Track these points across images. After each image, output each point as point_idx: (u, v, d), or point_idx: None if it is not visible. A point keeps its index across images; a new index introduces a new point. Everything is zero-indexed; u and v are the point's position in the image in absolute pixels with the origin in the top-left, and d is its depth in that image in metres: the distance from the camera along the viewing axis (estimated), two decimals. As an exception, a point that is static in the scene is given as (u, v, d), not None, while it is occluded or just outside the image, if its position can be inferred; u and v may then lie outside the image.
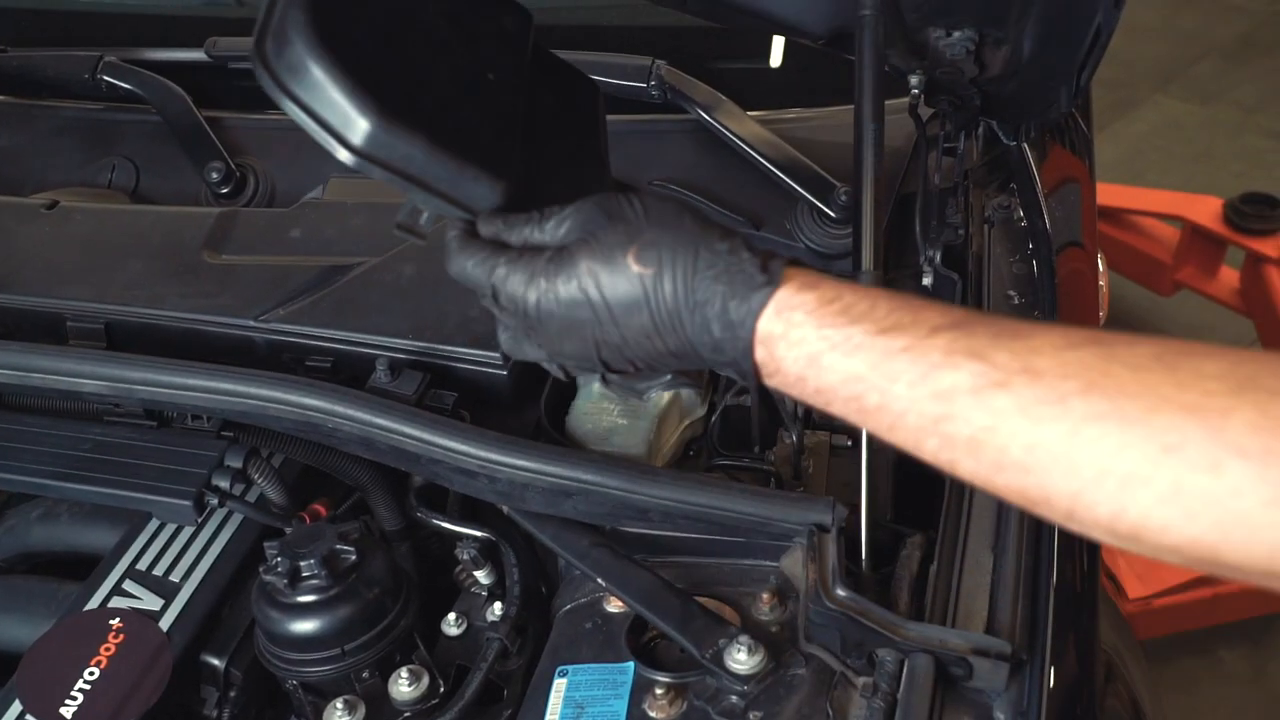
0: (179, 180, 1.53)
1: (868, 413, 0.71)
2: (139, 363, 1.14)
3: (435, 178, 0.85)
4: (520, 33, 0.98)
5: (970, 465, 0.67)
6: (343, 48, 0.80)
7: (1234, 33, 4.62)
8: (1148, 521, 0.60)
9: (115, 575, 1.13)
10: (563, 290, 0.78)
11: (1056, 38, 1.08)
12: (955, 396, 0.66)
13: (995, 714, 0.94)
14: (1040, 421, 0.63)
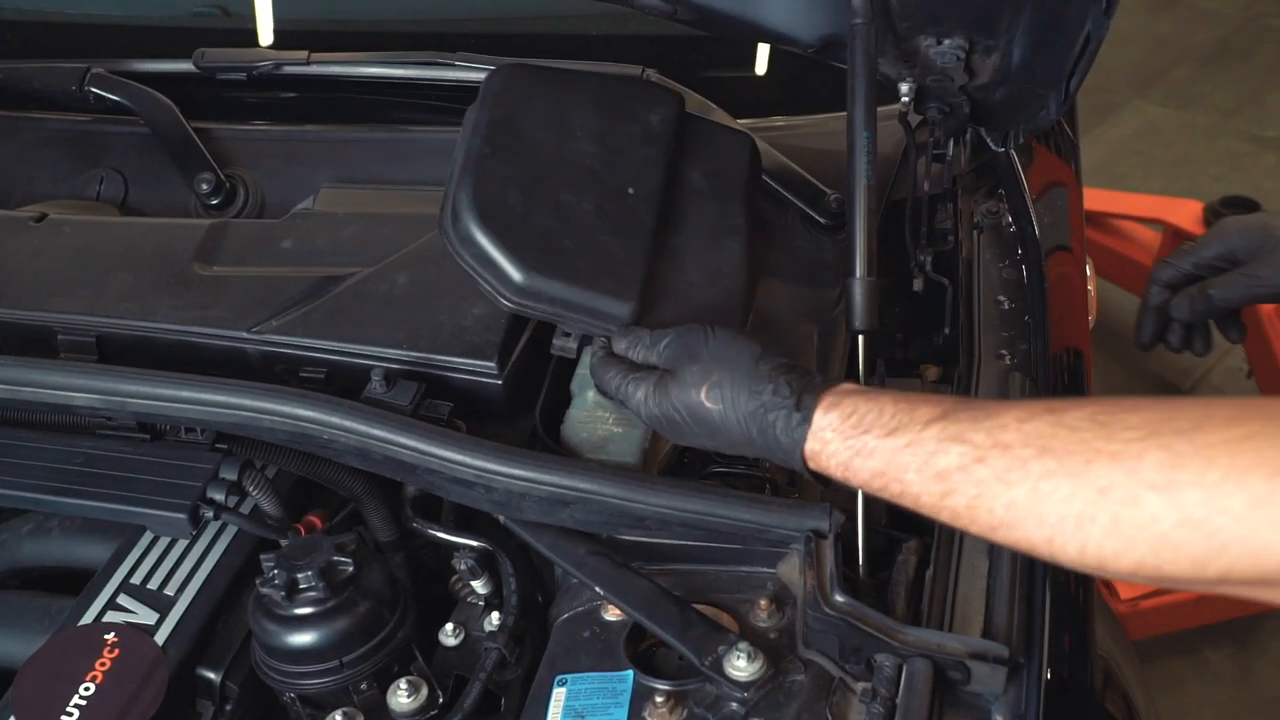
0: (168, 192, 1.52)
1: (895, 497, 0.88)
2: (132, 375, 1.13)
3: (575, 310, 1.05)
4: (666, 122, 1.15)
5: (975, 527, 0.82)
6: (498, 217, 1.04)
7: (1210, 38, 4.67)
8: (1102, 552, 0.74)
9: (109, 589, 1.12)
10: (661, 410, 1.00)
11: (1046, 45, 1.09)
12: (950, 475, 0.82)
13: (993, 717, 0.94)
14: (1011, 485, 0.78)
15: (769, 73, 1.61)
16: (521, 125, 1.11)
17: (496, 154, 1.09)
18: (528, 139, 1.10)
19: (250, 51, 1.58)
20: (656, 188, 1.11)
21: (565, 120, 1.13)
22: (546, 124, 1.12)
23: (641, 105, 1.16)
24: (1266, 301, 1.14)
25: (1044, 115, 1.21)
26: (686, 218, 1.12)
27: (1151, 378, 3.13)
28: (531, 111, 1.12)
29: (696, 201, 1.13)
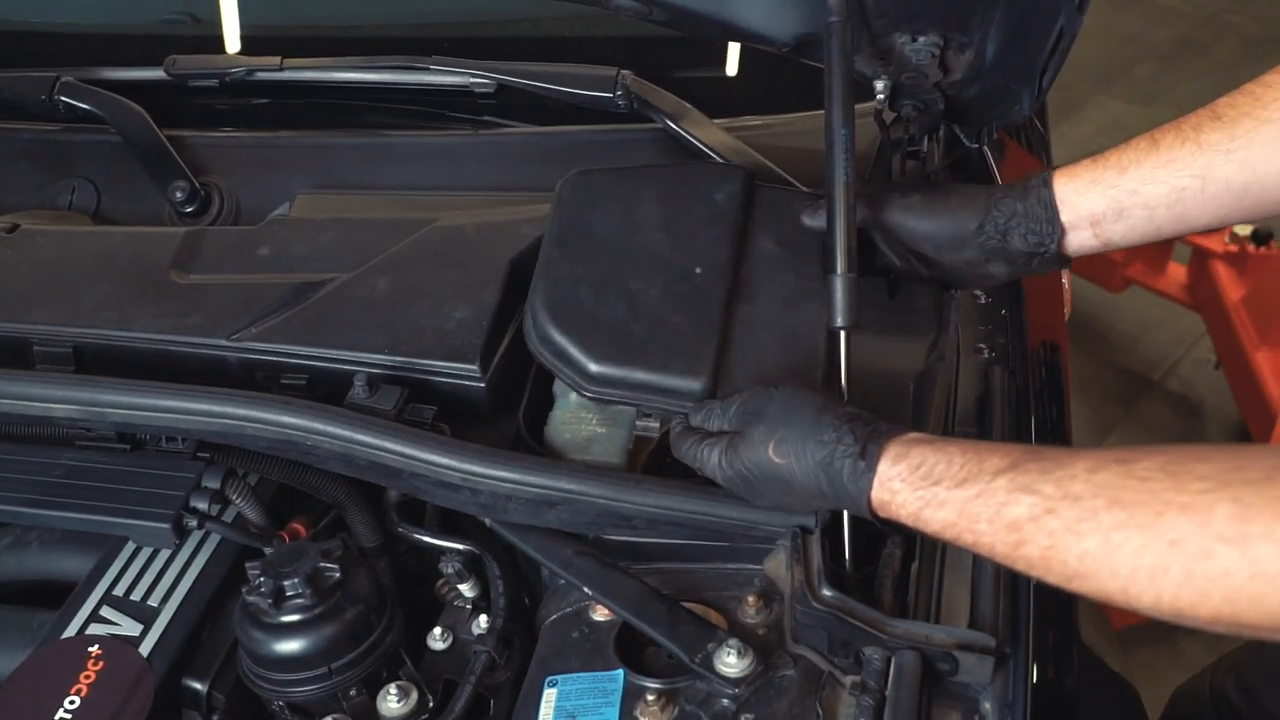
0: (141, 200, 1.51)
1: (969, 546, 0.87)
2: (111, 385, 1.12)
3: (650, 392, 1.08)
4: (731, 197, 1.18)
5: (1051, 577, 0.81)
6: (570, 314, 1.10)
7: (1171, 35, 4.72)
8: (1178, 603, 0.74)
9: (92, 602, 1.11)
10: (734, 470, 0.99)
11: (1019, 41, 1.11)
12: (1021, 526, 0.81)
13: (981, 707, 0.95)
14: (1083, 536, 0.78)
15: (743, 72, 1.62)
16: (591, 226, 1.17)
17: (567, 257, 1.15)
18: (597, 238, 1.15)
19: (222, 58, 1.57)
20: (724, 262, 1.14)
21: (632, 215, 1.17)
22: (614, 221, 1.17)
23: (706, 186, 1.19)
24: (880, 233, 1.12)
25: (1017, 111, 1.22)
26: (759, 287, 1.14)
27: (1119, 370, 3.16)
28: (600, 212, 1.18)
29: (768, 269, 1.15)
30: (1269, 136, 0.95)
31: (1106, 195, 1.02)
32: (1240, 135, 0.96)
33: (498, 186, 1.45)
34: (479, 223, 1.32)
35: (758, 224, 1.18)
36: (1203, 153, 0.98)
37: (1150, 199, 1.01)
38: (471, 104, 1.53)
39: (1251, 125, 0.96)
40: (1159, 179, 1.00)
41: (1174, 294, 3.05)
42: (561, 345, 1.10)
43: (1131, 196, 1.01)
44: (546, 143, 1.49)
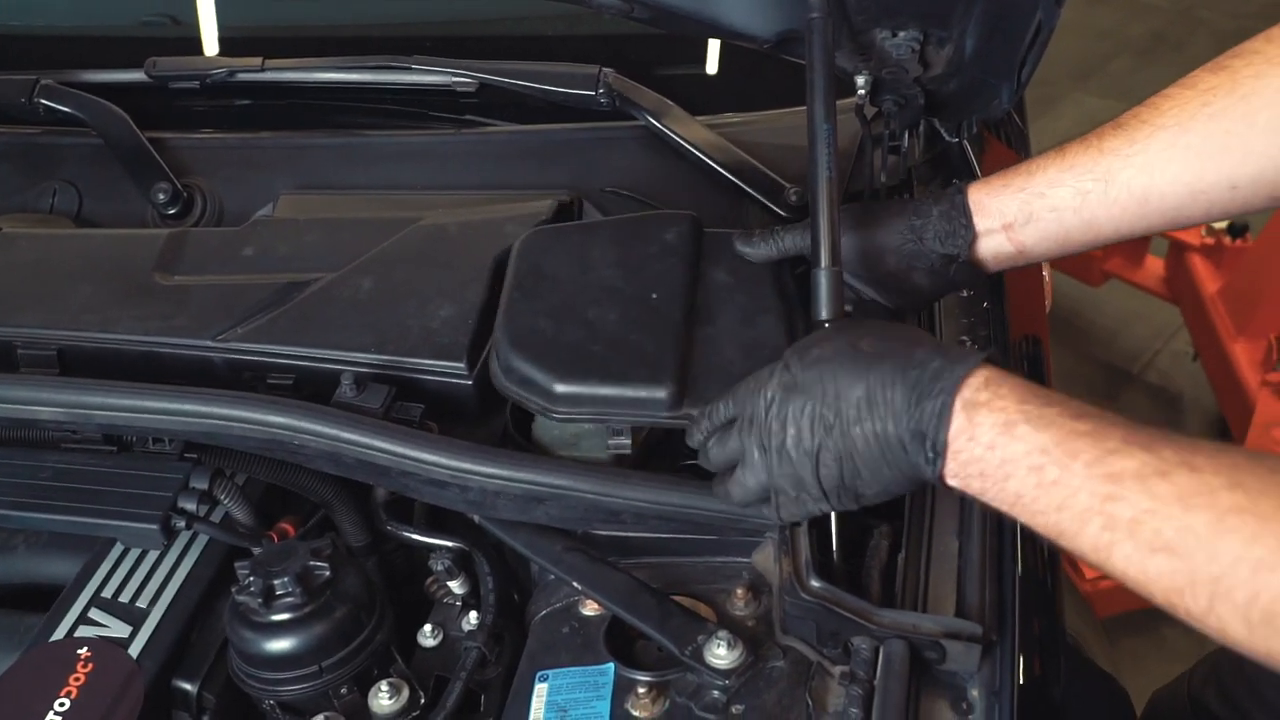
0: (123, 203, 1.50)
1: (1044, 486, 0.79)
2: (97, 387, 1.12)
3: (616, 405, 1.09)
4: (681, 237, 1.22)
5: (1127, 547, 0.75)
6: (530, 342, 1.12)
7: (1145, 30, 4.77)
8: (1274, 607, 0.69)
9: (80, 604, 1.11)
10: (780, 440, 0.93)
11: (998, 35, 1.12)
12: (1124, 479, 0.75)
13: (969, 695, 0.96)
14: (1192, 509, 0.72)
15: (724, 69, 1.62)
16: (547, 270, 1.19)
17: (525, 296, 1.17)
18: (554, 279, 1.18)
19: (203, 59, 1.57)
20: (680, 288, 1.16)
21: (586, 257, 1.20)
22: (570, 264, 1.19)
23: (656, 229, 1.23)
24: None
25: (996, 105, 1.23)
26: (716, 309, 1.17)
27: (1099, 363, 3.19)
28: (555, 258, 1.21)
29: (723, 294, 1.18)
30: (1164, 142, 0.99)
31: (1016, 199, 1.06)
32: (1139, 140, 1.00)
33: (481, 185, 1.45)
34: (463, 221, 1.33)
35: (708, 258, 1.22)
36: (1104, 157, 1.02)
37: (1056, 202, 1.04)
38: (454, 103, 1.53)
39: (1149, 131, 1.00)
40: (1064, 182, 1.04)
41: (1152, 287, 3.09)
42: (525, 371, 1.10)
43: (1039, 199, 1.05)
44: (529, 141, 1.49)
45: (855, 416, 0.89)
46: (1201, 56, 3.34)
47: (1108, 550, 0.77)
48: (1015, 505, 0.83)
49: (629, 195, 1.43)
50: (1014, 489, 0.82)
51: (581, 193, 1.42)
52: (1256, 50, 0.98)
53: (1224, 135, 0.97)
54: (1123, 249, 3.07)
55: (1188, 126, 0.99)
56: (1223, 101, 0.97)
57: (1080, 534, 0.78)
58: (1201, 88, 0.99)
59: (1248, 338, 2.70)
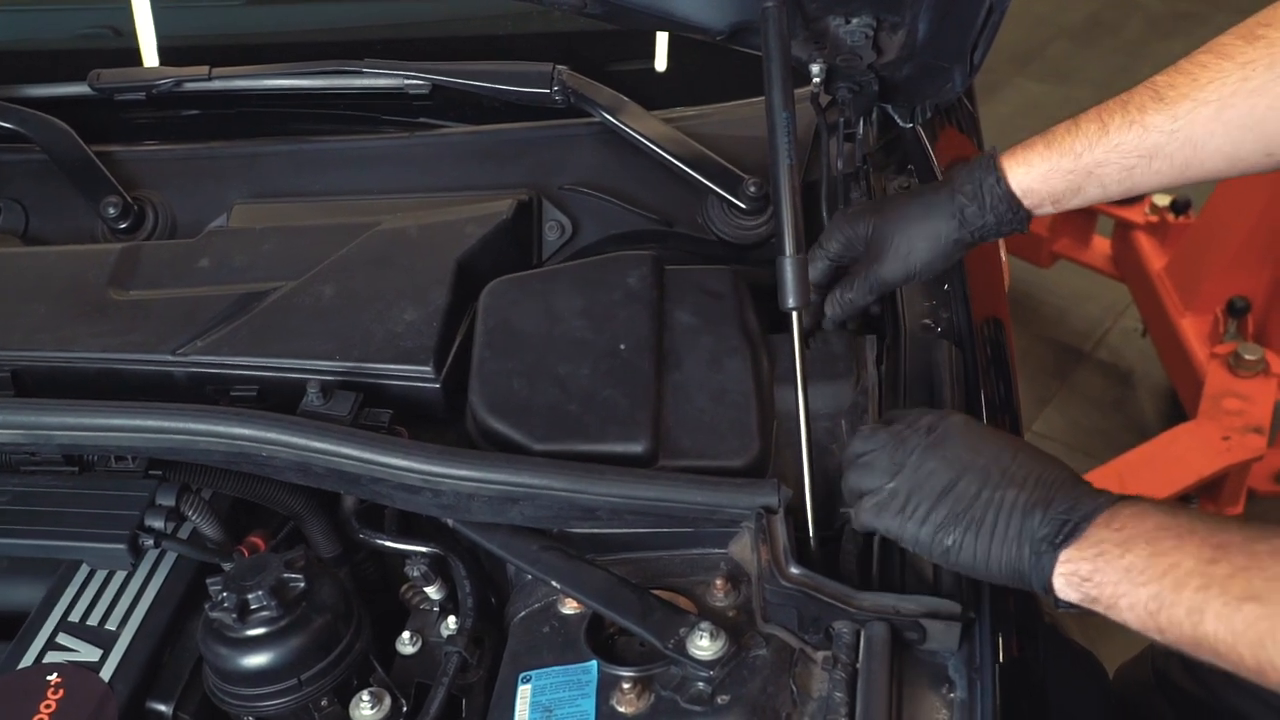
0: (72, 219, 1.47)
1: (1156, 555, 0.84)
2: (56, 407, 1.09)
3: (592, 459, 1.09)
4: (642, 279, 1.25)
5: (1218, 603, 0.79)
6: (506, 404, 1.14)
7: (1082, 15, 4.85)
8: None
9: (47, 629, 1.09)
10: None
11: (950, 19, 1.12)
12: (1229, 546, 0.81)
13: (950, 674, 0.97)
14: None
15: (678, 63, 1.62)
16: (515, 325, 1.22)
17: (496, 355, 1.19)
18: (523, 334, 1.21)
19: (148, 70, 1.54)
20: (646, 336, 1.19)
21: (553, 308, 1.23)
22: (537, 317, 1.22)
23: (617, 274, 1.26)
24: (887, 291, 1.17)
25: (949, 89, 1.24)
26: (683, 355, 1.20)
27: (1051, 342, 3.23)
28: (522, 311, 1.23)
29: (689, 337, 1.21)
30: (1206, 116, 1.01)
31: (1065, 179, 1.08)
32: (1181, 116, 1.02)
33: (438, 187, 1.44)
34: (422, 224, 1.32)
35: (671, 300, 1.25)
36: (1148, 134, 1.03)
37: (1104, 178, 1.07)
38: (407, 106, 1.52)
39: (1190, 106, 1.01)
40: (1111, 160, 1.05)
41: (1100, 266, 3.13)
42: (503, 434, 1.12)
43: (1087, 177, 1.07)
44: (485, 141, 1.48)
45: (1006, 480, 0.93)
46: (1137, 39, 3.40)
47: (1201, 612, 0.80)
48: (1120, 584, 0.85)
49: (587, 192, 1.43)
50: (1126, 563, 0.85)
51: (540, 191, 1.41)
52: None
53: (1265, 110, 1.00)
54: (1070, 230, 3.11)
55: (1229, 102, 1.00)
56: (1263, 77, 0.99)
57: (1177, 600, 0.81)
58: (1240, 60, 1.00)
59: (1195, 312, 2.74)
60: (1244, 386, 2.54)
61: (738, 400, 1.17)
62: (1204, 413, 2.52)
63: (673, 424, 1.14)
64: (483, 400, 1.15)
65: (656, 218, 1.42)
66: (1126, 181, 1.06)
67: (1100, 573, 0.85)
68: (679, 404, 1.16)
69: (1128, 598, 0.84)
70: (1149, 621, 0.83)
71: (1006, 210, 1.10)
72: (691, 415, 1.15)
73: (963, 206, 1.11)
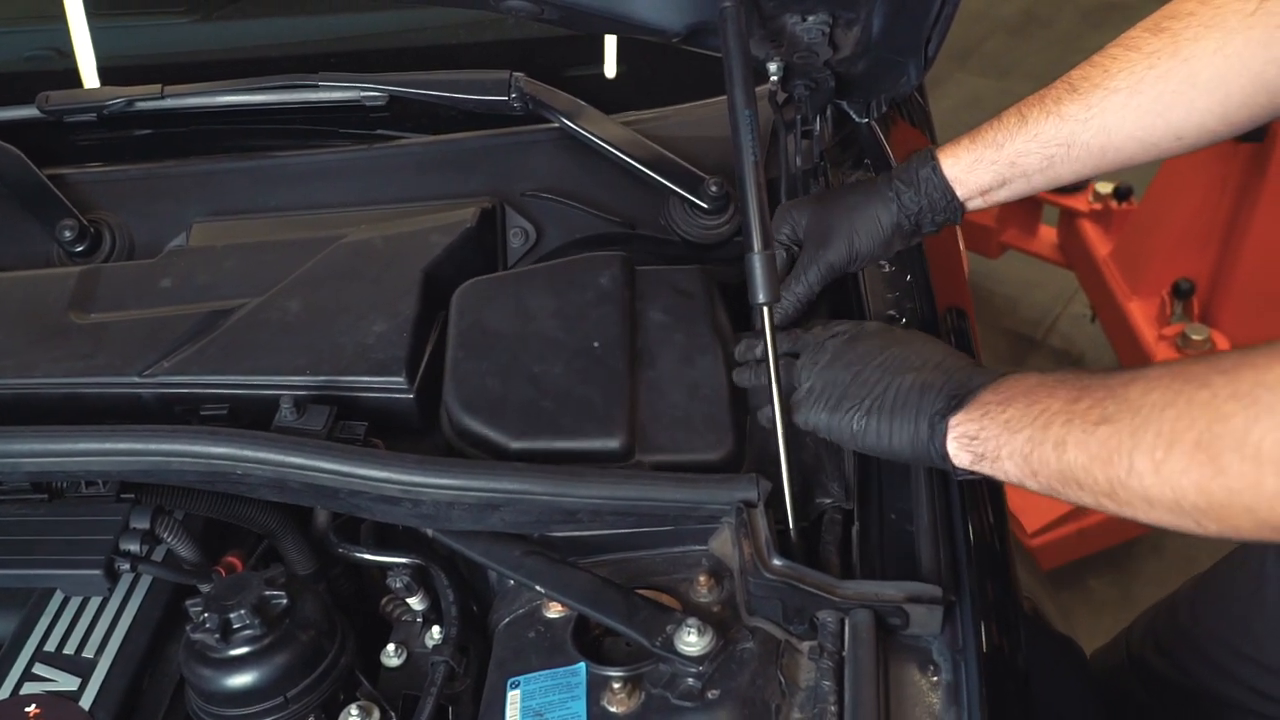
0: (24, 243, 1.44)
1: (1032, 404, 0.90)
2: (23, 434, 1.07)
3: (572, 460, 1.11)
4: (614, 280, 1.26)
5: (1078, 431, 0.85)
6: (481, 403, 1.15)
7: (1016, 9, 4.93)
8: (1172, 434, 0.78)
9: (23, 660, 1.08)
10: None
11: (904, 13, 1.14)
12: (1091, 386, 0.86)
13: (934, 657, 0.98)
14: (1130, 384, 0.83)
15: (634, 66, 1.63)
16: (488, 325, 1.22)
17: (470, 355, 1.19)
18: (496, 333, 1.21)
19: (99, 90, 1.52)
20: (619, 334, 1.20)
21: (526, 309, 1.23)
22: (510, 317, 1.22)
23: (589, 274, 1.27)
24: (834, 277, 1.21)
25: (905, 82, 1.26)
26: (656, 352, 1.21)
27: (1004, 331, 3.28)
28: (494, 311, 1.23)
29: (661, 335, 1.22)
30: (1118, 104, 1.09)
31: (990, 170, 1.15)
32: (1094, 104, 1.10)
33: (399, 199, 1.43)
34: (387, 235, 1.31)
35: (642, 299, 1.26)
36: (1065, 124, 1.11)
37: (1026, 168, 1.14)
38: (364, 118, 1.52)
39: (1102, 95, 1.09)
40: (1031, 151, 1.13)
41: (1047, 254, 3.19)
42: (478, 432, 1.13)
43: (1010, 168, 1.14)
44: (444, 151, 1.48)
45: (906, 367, 1.02)
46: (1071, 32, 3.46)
47: (1064, 443, 0.86)
48: (1000, 436, 0.91)
49: (549, 198, 1.43)
50: (1006, 416, 0.91)
51: (502, 198, 1.41)
52: (1191, 12, 1.06)
53: (1171, 95, 1.07)
54: (1017, 221, 3.16)
55: (1137, 89, 1.08)
56: (1167, 64, 1.07)
57: (1045, 437, 0.87)
58: (1146, 50, 1.08)
59: (1141, 295, 2.80)
60: (1192, 366, 2.59)
61: (711, 396, 1.18)
62: (1155, 393, 2.56)
63: (648, 420, 1.15)
64: (458, 399, 1.15)
65: (619, 220, 1.43)
66: (1049, 171, 1.13)
67: (985, 429, 0.93)
68: (653, 400, 1.17)
69: (1007, 447, 0.91)
70: (1024, 467, 0.90)
71: (940, 198, 1.16)
72: (666, 411, 1.16)
73: (899, 192, 1.17)
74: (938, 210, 1.17)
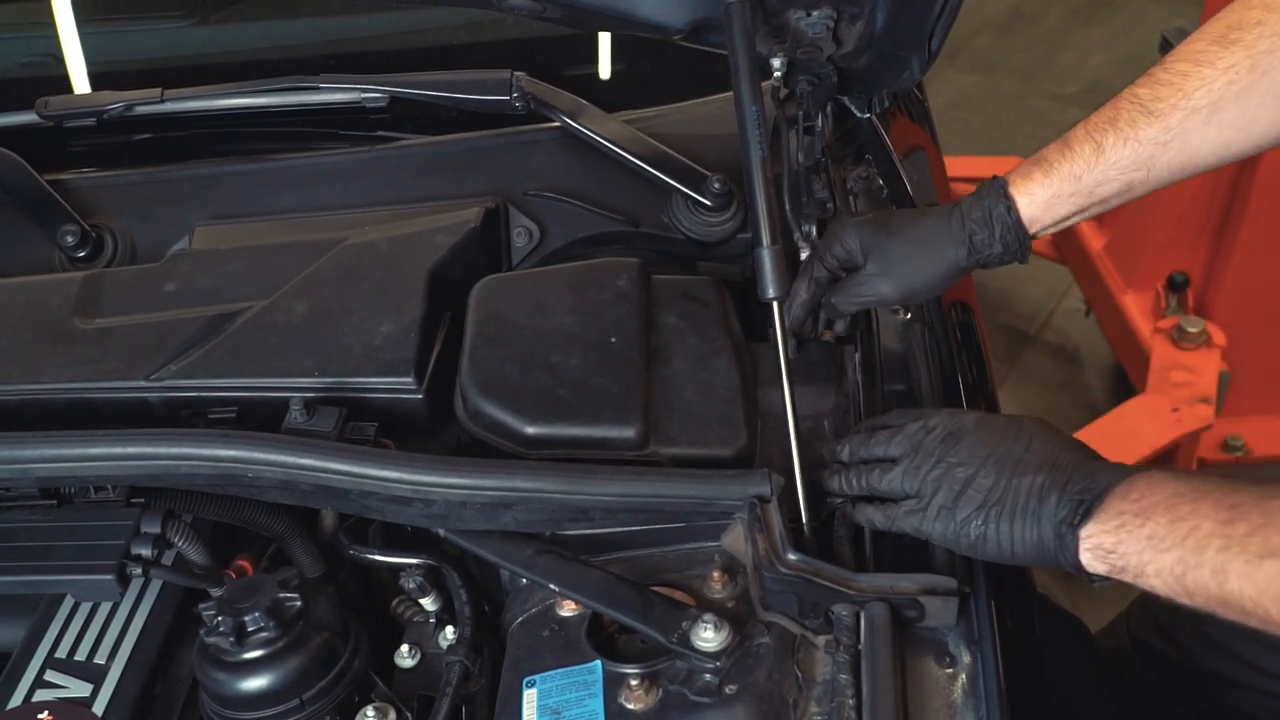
0: (26, 250, 1.43)
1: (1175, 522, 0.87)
2: (32, 440, 1.07)
3: (587, 445, 1.12)
4: (631, 282, 1.27)
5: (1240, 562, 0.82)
6: (498, 387, 1.15)
7: (1003, 7, 4.94)
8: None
9: (35, 667, 1.07)
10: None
11: (907, 7, 1.15)
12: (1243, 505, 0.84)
13: (950, 649, 0.98)
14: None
15: (635, 65, 1.63)
16: (507, 318, 1.22)
17: (488, 344, 1.19)
18: (514, 325, 1.21)
19: (99, 95, 1.51)
20: (636, 332, 1.21)
21: (543, 304, 1.23)
22: (528, 311, 1.23)
23: (607, 276, 1.27)
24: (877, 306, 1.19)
25: (908, 77, 1.26)
26: (671, 352, 1.21)
27: (999, 326, 3.29)
28: (513, 305, 1.23)
29: (676, 338, 1.22)
30: (1199, 123, 1.06)
31: (1070, 203, 1.11)
32: (1174, 127, 1.06)
33: (402, 200, 1.43)
34: (392, 236, 1.31)
35: (658, 304, 1.27)
36: (1144, 148, 1.07)
37: (1105, 195, 1.10)
38: (365, 120, 1.51)
39: (1181, 116, 1.06)
40: (1111, 179, 1.09)
41: (1041, 250, 3.19)
42: (495, 416, 1.13)
43: (1089, 198, 1.10)
44: (447, 151, 1.48)
45: (1021, 469, 0.96)
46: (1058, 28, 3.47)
47: (1225, 572, 0.83)
48: (1144, 552, 0.88)
49: (553, 197, 1.43)
50: (1147, 532, 0.88)
51: (505, 198, 1.41)
52: (1260, 21, 1.04)
53: (1254, 109, 1.05)
54: (1010, 216, 3.17)
55: (1218, 106, 1.05)
56: (1245, 79, 1.04)
57: (1200, 562, 0.84)
58: (1221, 66, 1.05)
59: (1136, 289, 2.81)
60: (1188, 359, 2.60)
61: (724, 395, 1.18)
62: (1152, 387, 2.58)
63: (662, 412, 1.15)
64: (475, 383, 1.15)
65: (623, 219, 1.43)
66: (1125, 193, 1.10)
67: (1124, 544, 0.89)
68: (668, 395, 1.17)
69: (1153, 564, 0.87)
70: (1176, 586, 0.86)
71: (1014, 240, 1.11)
72: (680, 405, 1.17)
73: (972, 234, 1.12)
74: (1009, 252, 1.12)
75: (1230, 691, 1.35)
